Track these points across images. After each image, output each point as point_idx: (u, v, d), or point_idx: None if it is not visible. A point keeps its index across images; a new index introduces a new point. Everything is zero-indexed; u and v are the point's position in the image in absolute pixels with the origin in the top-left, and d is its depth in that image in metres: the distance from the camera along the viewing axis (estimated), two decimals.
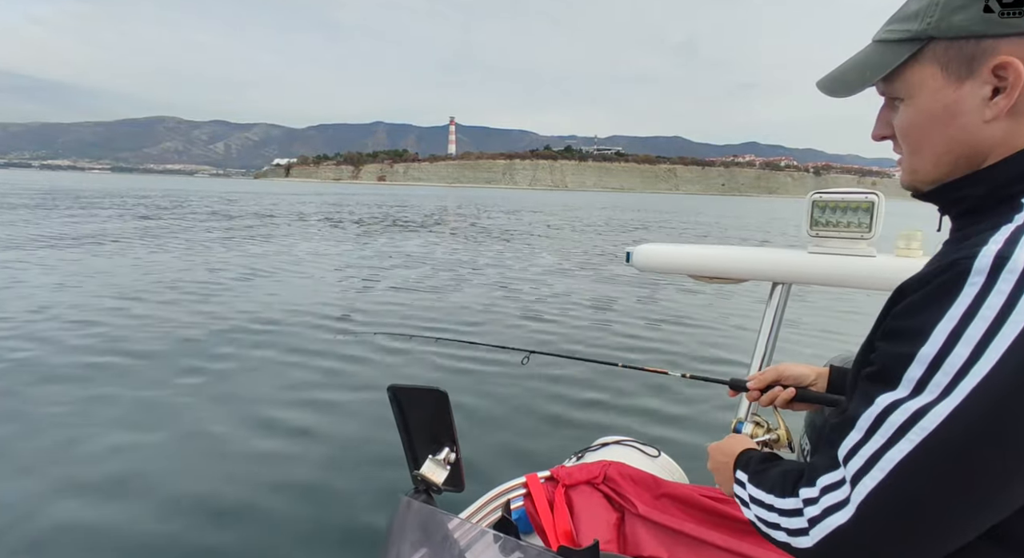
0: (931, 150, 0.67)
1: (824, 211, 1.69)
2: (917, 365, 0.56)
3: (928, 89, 0.64)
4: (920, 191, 0.73)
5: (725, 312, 8.34)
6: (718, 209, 65.64)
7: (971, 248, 0.57)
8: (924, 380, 0.56)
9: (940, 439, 0.53)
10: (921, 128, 0.67)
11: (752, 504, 0.73)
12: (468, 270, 11.76)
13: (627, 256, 1.99)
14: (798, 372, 1.12)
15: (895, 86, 0.68)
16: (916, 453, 0.54)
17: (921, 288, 0.60)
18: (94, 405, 4.20)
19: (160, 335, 6.06)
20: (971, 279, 0.55)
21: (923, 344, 0.56)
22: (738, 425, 1.20)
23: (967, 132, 0.63)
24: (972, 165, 0.65)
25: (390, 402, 0.99)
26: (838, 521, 0.59)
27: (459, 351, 5.94)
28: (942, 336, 0.55)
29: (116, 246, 13.23)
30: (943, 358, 0.55)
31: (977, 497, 0.54)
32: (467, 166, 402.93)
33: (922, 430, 0.54)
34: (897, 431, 0.56)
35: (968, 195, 0.66)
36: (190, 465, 3.42)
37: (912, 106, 0.67)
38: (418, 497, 0.88)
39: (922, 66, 0.64)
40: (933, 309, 0.57)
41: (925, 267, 0.63)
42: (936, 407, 0.54)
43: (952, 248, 0.63)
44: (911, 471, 0.54)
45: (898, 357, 0.58)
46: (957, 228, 0.68)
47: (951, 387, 0.54)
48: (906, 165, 0.71)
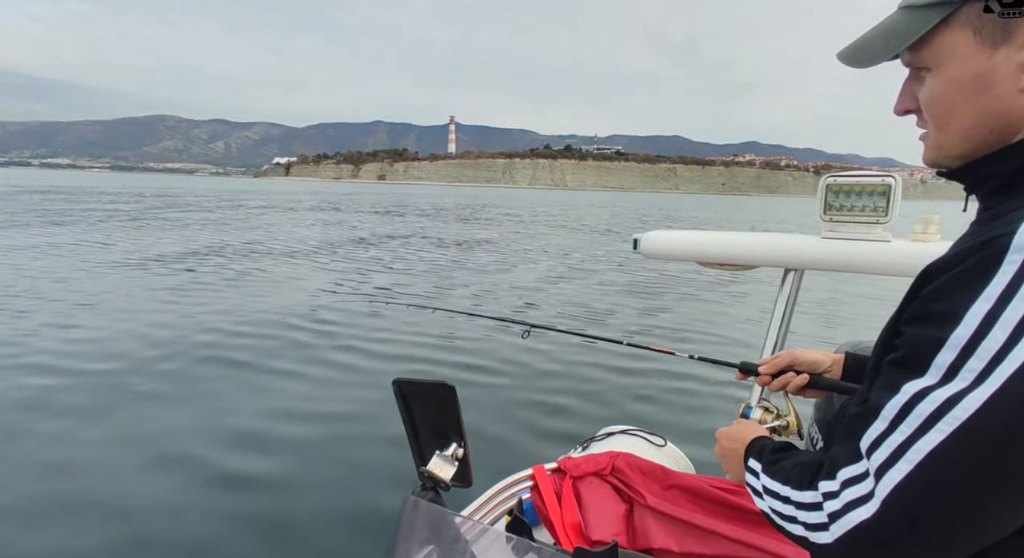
0: (959, 123, 0.63)
1: (839, 195, 1.64)
2: (948, 350, 0.53)
3: (959, 56, 0.60)
4: (947, 168, 0.68)
5: (737, 297, 8.42)
6: (718, 207, 65.96)
7: (1007, 225, 0.53)
8: (956, 366, 0.52)
9: (974, 429, 0.50)
10: (949, 99, 0.63)
11: (766, 495, 0.70)
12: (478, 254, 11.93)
13: (634, 243, 1.95)
14: (813, 358, 1.08)
15: (922, 55, 0.64)
16: (947, 444, 0.51)
17: (952, 269, 0.56)
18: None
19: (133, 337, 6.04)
20: (1009, 258, 0.51)
21: (955, 328, 0.52)
22: (746, 410, 1.16)
23: (1000, 103, 0.59)
24: (1004, 139, 0.61)
25: (395, 396, 0.95)
26: (861, 516, 0.55)
27: (459, 330, 6.03)
28: (976, 319, 0.51)
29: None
30: (977, 342, 0.51)
31: (1012, 492, 0.50)
32: (467, 165, 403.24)
33: (954, 419, 0.50)
34: (926, 421, 0.52)
35: (999, 171, 0.62)
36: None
37: (940, 76, 0.63)
38: (425, 495, 0.84)
39: (953, 31, 0.60)
40: (966, 290, 0.53)
41: (952, 247, 0.60)
42: (970, 395, 0.50)
43: (982, 228, 0.59)
44: (941, 464, 0.51)
45: (927, 341, 0.55)
46: (986, 207, 0.64)
47: (986, 373, 0.50)
48: (932, 141, 0.67)
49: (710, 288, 9.38)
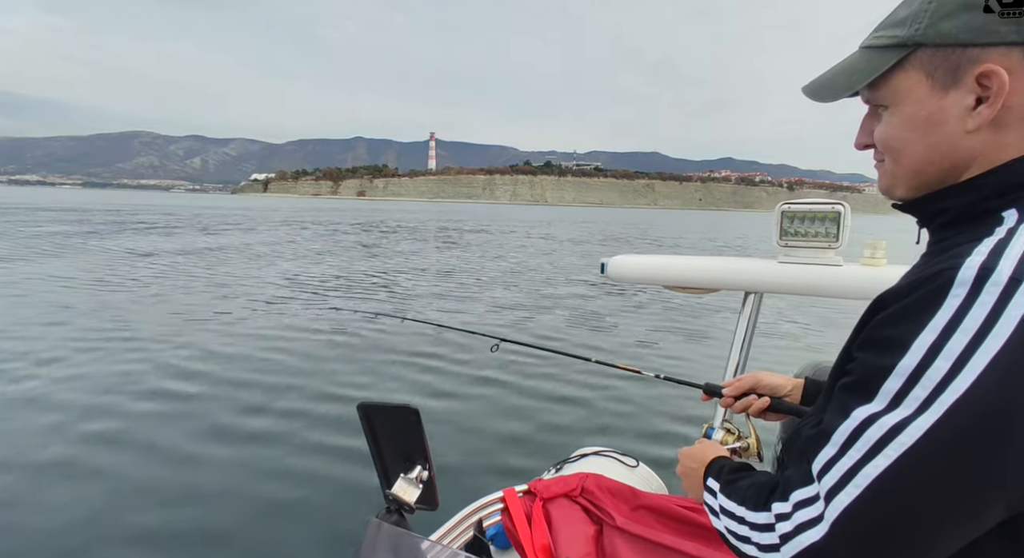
0: (913, 159, 0.66)
1: (793, 221, 1.70)
2: (895, 378, 0.55)
3: (913, 97, 0.64)
4: (900, 200, 0.72)
5: (701, 318, 8.52)
6: (699, 224, 66.58)
7: (954, 259, 0.55)
8: (902, 393, 0.54)
9: (917, 456, 0.51)
10: (904, 136, 0.66)
11: (722, 515, 0.71)
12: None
13: (601, 267, 1.98)
14: (774, 382, 1.11)
15: (880, 93, 0.67)
16: (893, 469, 0.52)
17: (902, 298, 0.58)
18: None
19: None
20: (954, 290, 0.53)
21: (902, 356, 0.54)
22: (709, 430, 1.19)
23: (949, 142, 0.62)
24: (953, 176, 0.64)
25: (360, 420, 0.96)
26: (810, 538, 0.57)
27: (429, 343, 6.01)
28: (922, 348, 0.53)
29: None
30: (922, 371, 0.53)
31: (953, 516, 0.52)
32: (447, 181, 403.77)
33: (900, 445, 0.52)
34: (874, 446, 0.54)
35: (949, 206, 0.65)
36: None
37: (896, 114, 0.66)
38: (389, 518, 0.85)
39: (908, 73, 0.64)
40: (914, 320, 0.55)
41: (904, 277, 0.62)
42: (915, 422, 0.52)
43: (932, 260, 0.62)
44: (888, 488, 0.53)
45: (876, 369, 0.57)
46: (937, 240, 0.67)
47: (929, 401, 0.52)
48: (886, 174, 0.70)
49: (678, 309, 9.47)
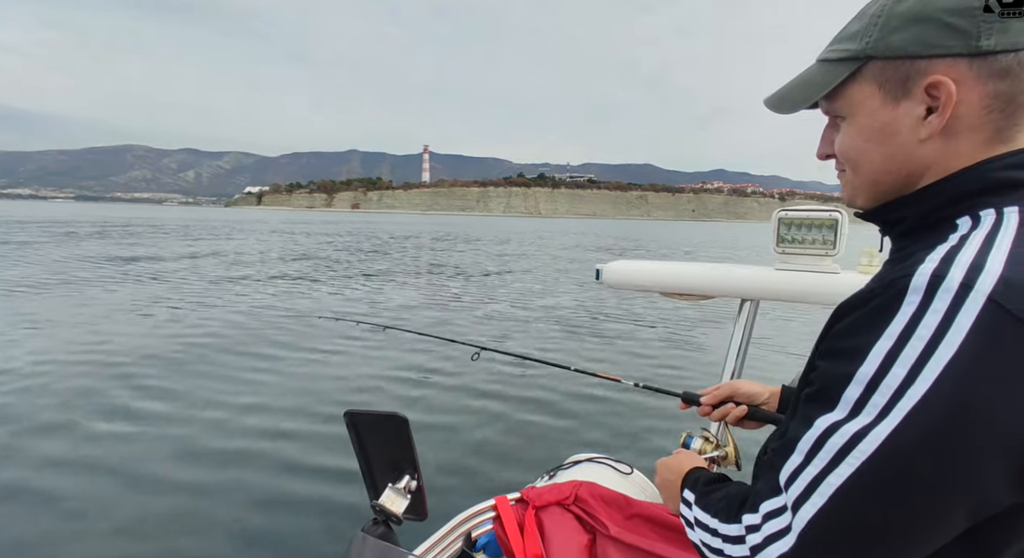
0: (869, 169, 0.67)
1: (790, 228, 1.70)
2: (855, 386, 0.55)
3: (867, 108, 0.65)
4: (862, 209, 0.73)
5: (693, 326, 8.54)
6: (695, 236, 67.03)
7: (909, 267, 0.57)
8: (862, 401, 0.54)
9: (878, 463, 0.52)
10: (860, 147, 0.67)
11: (696, 527, 0.72)
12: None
13: (597, 274, 1.97)
14: (752, 390, 1.12)
15: (837, 104, 0.69)
16: (856, 477, 0.53)
17: (860, 307, 0.59)
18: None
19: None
20: (908, 298, 0.54)
21: (861, 364, 0.55)
22: (687, 439, 1.18)
23: (903, 151, 0.64)
24: (909, 185, 0.66)
25: (347, 429, 0.94)
26: (779, 550, 0.57)
27: (411, 352, 5.96)
28: (879, 356, 0.54)
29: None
30: (880, 379, 0.53)
31: (917, 522, 0.52)
32: (441, 194, 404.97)
33: (861, 453, 0.53)
34: (837, 454, 0.54)
35: (907, 215, 0.66)
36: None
37: (852, 125, 0.68)
38: (375, 530, 0.83)
39: (861, 85, 0.65)
40: (871, 329, 0.56)
41: (865, 286, 0.63)
42: (875, 429, 0.52)
43: (893, 267, 0.63)
44: (852, 497, 0.53)
45: (836, 377, 0.57)
46: (898, 248, 0.69)
47: (888, 409, 0.52)
48: (848, 184, 0.72)
49: (672, 318, 9.49)
